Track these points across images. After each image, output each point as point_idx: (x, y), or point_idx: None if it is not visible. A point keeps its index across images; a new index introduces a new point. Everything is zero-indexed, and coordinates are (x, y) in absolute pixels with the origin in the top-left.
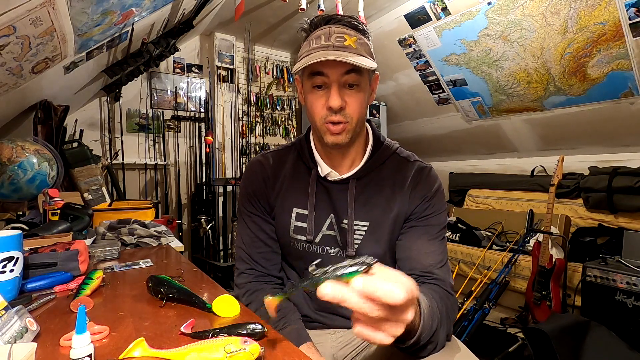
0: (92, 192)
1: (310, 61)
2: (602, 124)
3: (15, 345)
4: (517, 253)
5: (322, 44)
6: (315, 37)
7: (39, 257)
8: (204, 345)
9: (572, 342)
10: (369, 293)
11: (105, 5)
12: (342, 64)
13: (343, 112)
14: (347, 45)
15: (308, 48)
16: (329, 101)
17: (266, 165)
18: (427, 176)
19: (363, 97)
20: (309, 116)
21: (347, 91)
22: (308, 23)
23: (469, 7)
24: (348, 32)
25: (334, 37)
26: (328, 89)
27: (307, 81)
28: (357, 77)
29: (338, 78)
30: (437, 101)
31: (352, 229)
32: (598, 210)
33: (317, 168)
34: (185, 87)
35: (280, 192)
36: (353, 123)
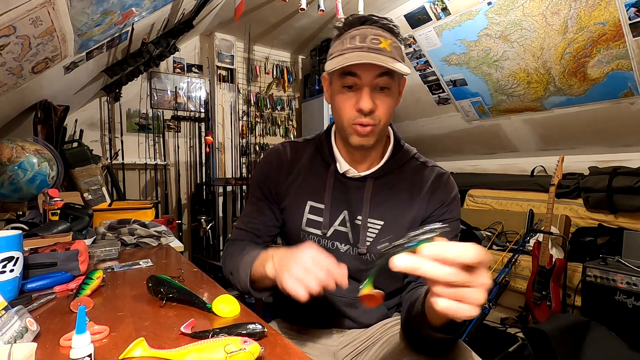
0: (92, 192)
1: (345, 62)
2: (602, 124)
3: (15, 345)
4: (517, 253)
5: (356, 45)
6: (350, 37)
7: (39, 257)
8: (204, 345)
9: (572, 342)
10: (441, 256)
11: (105, 5)
12: (376, 67)
13: (372, 115)
14: (382, 47)
15: (341, 47)
16: (360, 103)
17: (283, 155)
18: (446, 182)
19: (392, 101)
20: (335, 115)
21: (378, 94)
22: (342, 22)
23: (469, 7)
24: (384, 35)
25: (369, 38)
26: (359, 90)
27: (338, 80)
28: (389, 81)
29: (371, 80)
30: (437, 101)
31: (366, 226)
32: (598, 210)
33: (336, 164)
34: (185, 87)
35: (295, 183)
36: (380, 126)
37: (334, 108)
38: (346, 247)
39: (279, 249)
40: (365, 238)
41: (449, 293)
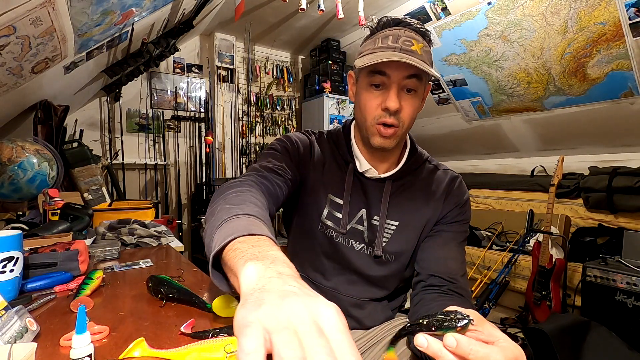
0: (92, 192)
1: (378, 59)
2: (602, 124)
3: (15, 345)
4: (517, 253)
5: (389, 45)
6: (382, 37)
7: (39, 257)
8: (204, 345)
9: (572, 342)
10: (463, 354)
11: (105, 5)
12: (405, 67)
13: (397, 116)
14: (414, 50)
15: (373, 46)
16: (387, 102)
17: (313, 139)
18: (459, 185)
19: (418, 104)
20: (358, 114)
21: (405, 95)
22: (375, 22)
23: (469, 7)
24: (416, 38)
25: (402, 39)
26: (386, 89)
27: (365, 78)
28: (417, 83)
29: (399, 81)
30: (437, 101)
31: (383, 227)
32: (598, 210)
33: (355, 162)
34: (185, 87)
35: (316, 173)
36: (404, 128)
37: (358, 106)
38: (361, 246)
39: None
40: (382, 239)
41: None
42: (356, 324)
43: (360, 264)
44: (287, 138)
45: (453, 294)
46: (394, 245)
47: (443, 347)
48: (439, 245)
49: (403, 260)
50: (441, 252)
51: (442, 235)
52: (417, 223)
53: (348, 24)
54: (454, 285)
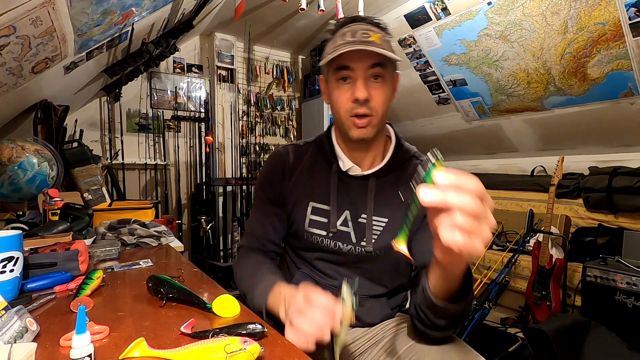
0: (92, 192)
1: (337, 52)
2: (602, 124)
3: (15, 345)
4: (517, 253)
5: (347, 40)
6: (341, 34)
7: (39, 257)
8: (204, 346)
9: (572, 342)
10: (459, 185)
11: (105, 5)
12: (367, 58)
13: (368, 105)
14: (372, 40)
15: (334, 45)
16: (355, 92)
17: (286, 157)
18: None
19: (387, 92)
20: (334, 111)
21: (372, 84)
22: (334, 24)
23: (469, 7)
24: (373, 29)
25: (359, 33)
26: (354, 82)
27: (333, 76)
28: (382, 70)
29: (364, 71)
30: (437, 101)
31: (371, 225)
32: (598, 210)
33: (338, 162)
34: (185, 87)
35: (297, 185)
36: (378, 117)
37: (332, 103)
38: (348, 247)
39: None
40: (371, 236)
41: (466, 225)
42: (356, 321)
43: (353, 263)
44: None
45: None
46: (384, 241)
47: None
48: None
49: (395, 257)
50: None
51: None
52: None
53: None
54: None
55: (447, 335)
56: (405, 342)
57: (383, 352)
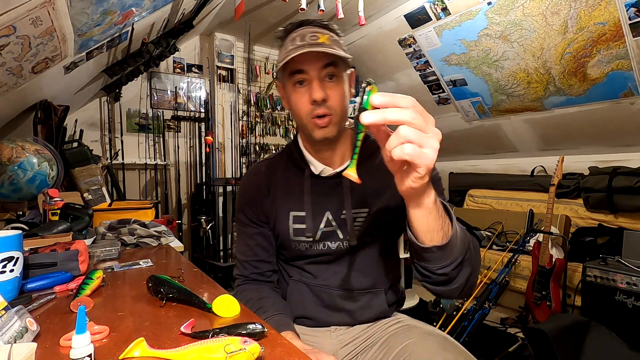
0: (92, 192)
1: (289, 57)
2: (602, 124)
3: (15, 345)
4: (517, 253)
5: (297, 44)
6: (290, 40)
7: (39, 257)
8: (204, 346)
9: (572, 342)
10: (393, 102)
11: (105, 5)
12: (319, 59)
13: (326, 104)
14: (321, 42)
15: (285, 51)
16: (312, 94)
17: (259, 174)
18: None
19: (343, 89)
20: (295, 116)
21: (328, 84)
22: (282, 30)
23: (469, 7)
24: (321, 31)
25: (308, 36)
26: (309, 84)
27: (289, 81)
28: (335, 69)
29: (318, 72)
30: (437, 101)
31: (352, 218)
32: (598, 210)
33: (310, 167)
34: (185, 87)
35: (276, 198)
36: (337, 115)
37: (291, 108)
38: (335, 244)
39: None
40: (352, 230)
41: (410, 135)
42: (350, 318)
43: (342, 258)
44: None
45: None
46: (369, 230)
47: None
48: None
49: (381, 241)
50: None
51: None
52: (386, 204)
53: (348, 24)
54: None
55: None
56: (401, 341)
57: (380, 352)
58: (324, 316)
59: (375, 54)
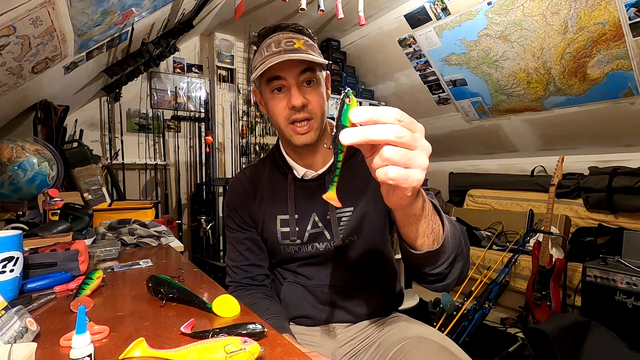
0: (92, 192)
1: (267, 66)
2: (602, 124)
3: (15, 345)
4: (517, 253)
5: (273, 51)
6: (265, 46)
7: (39, 257)
8: (204, 345)
9: (572, 342)
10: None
11: (105, 5)
12: (297, 65)
13: (306, 109)
14: (297, 47)
15: (261, 57)
16: (292, 100)
17: (244, 180)
18: None
19: (321, 93)
20: (273, 122)
21: (306, 89)
22: (256, 35)
23: (469, 7)
24: (296, 37)
25: (283, 42)
26: (288, 90)
27: (266, 88)
28: (313, 75)
29: (296, 78)
30: (437, 101)
31: (336, 219)
32: (598, 210)
33: (293, 172)
34: (185, 87)
35: (262, 203)
36: (317, 119)
37: (270, 114)
38: (323, 245)
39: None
40: (337, 231)
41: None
42: (347, 315)
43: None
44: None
45: None
46: (355, 228)
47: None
48: None
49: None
50: None
51: None
52: (371, 201)
53: (348, 24)
54: None
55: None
56: (398, 342)
57: (377, 352)
58: (321, 314)
59: (375, 54)
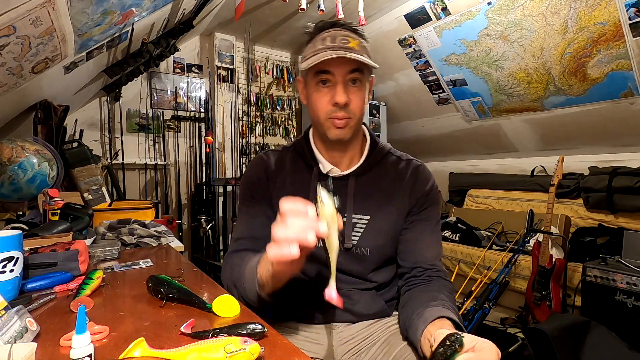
0: (92, 192)
1: (319, 59)
2: (602, 124)
3: (15, 345)
4: (517, 253)
5: (328, 45)
6: (320, 39)
7: (39, 257)
8: (204, 345)
9: (572, 342)
10: None
11: (105, 5)
12: (347, 63)
13: (347, 108)
14: (351, 46)
15: (314, 48)
16: (335, 97)
17: (268, 161)
18: (422, 172)
19: (364, 95)
20: (312, 113)
21: (351, 88)
22: (312, 27)
23: (469, 7)
24: (352, 36)
25: (339, 38)
26: (333, 86)
27: (312, 79)
28: (360, 75)
29: (343, 76)
30: (437, 101)
31: (351, 222)
32: (598, 210)
33: (319, 165)
34: (185, 87)
35: (282, 189)
36: (356, 119)
37: (311, 106)
38: None
39: None
40: (350, 233)
41: None
42: (348, 315)
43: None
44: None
45: (433, 278)
46: (368, 239)
47: None
48: (414, 237)
49: (378, 251)
50: (418, 244)
51: (416, 226)
52: (388, 215)
53: None
54: (433, 270)
55: None
56: (401, 341)
57: (380, 351)
58: (323, 313)
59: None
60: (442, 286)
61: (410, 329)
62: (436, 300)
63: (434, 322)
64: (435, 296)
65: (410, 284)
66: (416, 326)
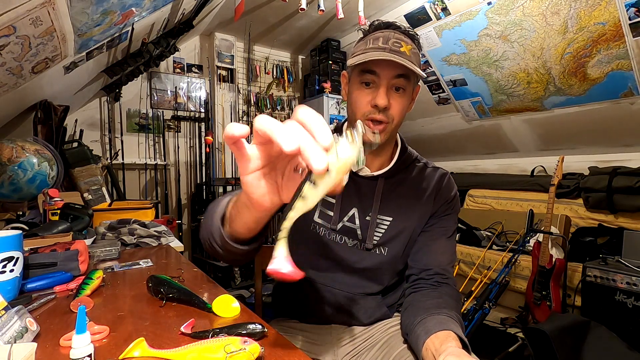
0: (92, 192)
1: (367, 58)
2: (602, 124)
3: (15, 345)
4: (517, 253)
5: (379, 45)
6: (373, 38)
7: (39, 257)
8: (204, 346)
9: (572, 342)
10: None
11: (105, 5)
12: (394, 67)
13: (386, 112)
14: (403, 51)
15: (365, 47)
16: (376, 99)
17: None
18: (448, 181)
19: (406, 102)
20: (350, 110)
21: (394, 94)
22: (370, 25)
23: (469, 7)
24: (405, 40)
25: (392, 41)
26: (376, 87)
27: (357, 77)
28: (405, 82)
29: (388, 79)
30: (437, 101)
31: (375, 223)
32: (598, 210)
33: None
34: (185, 87)
35: None
36: (393, 125)
37: (350, 103)
38: (354, 242)
39: None
40: (373, 233)
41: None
42: (351, 319)
43: (354, 260)
44: None
45: (441, 284)
46: (387, 238)
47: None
48: (431, 240)
49: (395, 253)
50: (433, 247)
51: (434, 230)
52: (410, 218)
53: (348, 24)
54: (443, 276)
55: None
56: (401, 343)
57: (380, 352)
58: (325, 314)
59: None
60: (449, 294)
61: (411, 335)
62: (440, 309)
63: (437, 333)
64: (440, 303)
65: (417, 287)
66: (417, 334)
